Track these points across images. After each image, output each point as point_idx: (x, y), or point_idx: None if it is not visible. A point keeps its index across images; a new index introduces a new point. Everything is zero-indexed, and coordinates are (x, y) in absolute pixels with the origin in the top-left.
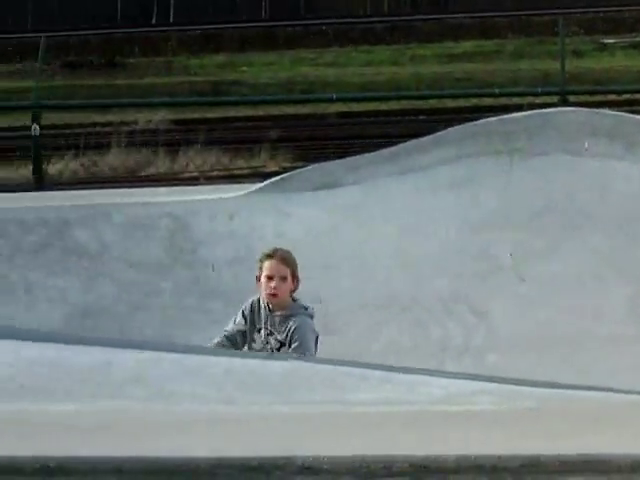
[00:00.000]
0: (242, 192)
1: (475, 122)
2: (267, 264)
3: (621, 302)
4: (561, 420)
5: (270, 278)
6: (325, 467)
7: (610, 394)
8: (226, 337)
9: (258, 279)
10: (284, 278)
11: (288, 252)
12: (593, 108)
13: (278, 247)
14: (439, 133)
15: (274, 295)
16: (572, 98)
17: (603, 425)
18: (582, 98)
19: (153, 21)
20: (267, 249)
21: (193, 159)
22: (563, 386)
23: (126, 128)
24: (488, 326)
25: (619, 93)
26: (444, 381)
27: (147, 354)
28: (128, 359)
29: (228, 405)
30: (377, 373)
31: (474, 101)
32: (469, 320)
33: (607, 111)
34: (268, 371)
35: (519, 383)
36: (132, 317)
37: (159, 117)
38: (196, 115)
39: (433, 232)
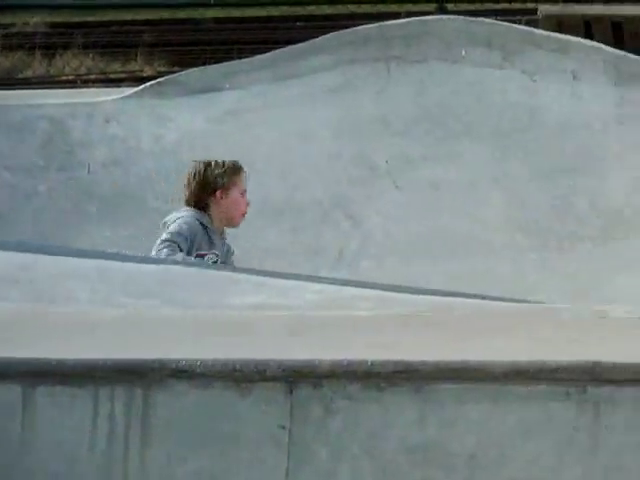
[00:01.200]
0: (119, 95)
1: (353, 29)
2: (242, 177)
3: (495, 211)
4: (435, 326)
5: (243, 193)
6: (198, 371)
7: (484, 301)
8: None
9: (223, 194)
10: None
11: None
12: (471, 16)
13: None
14: (316, 39)
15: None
16: (450, 6)
17: (477, 331)
18: (460, 6)
19: None
20: (229, 158)
21: (70, 62)
22: (437, 292)
23: (1, 31)
24: (363, 232)
25: (497, 1)
26: (319, 286)
27: (21, 256)
28: (2, 261)
29: (103, 306)
30: (253, 278)
31: (352, 8)
32: (345, 226)
33: (485, 19)
34: (144, 274)
35: (393, 289)
36: (8, 219)
37: (36, 20)
38: (75, 19)
39: (310, 138)
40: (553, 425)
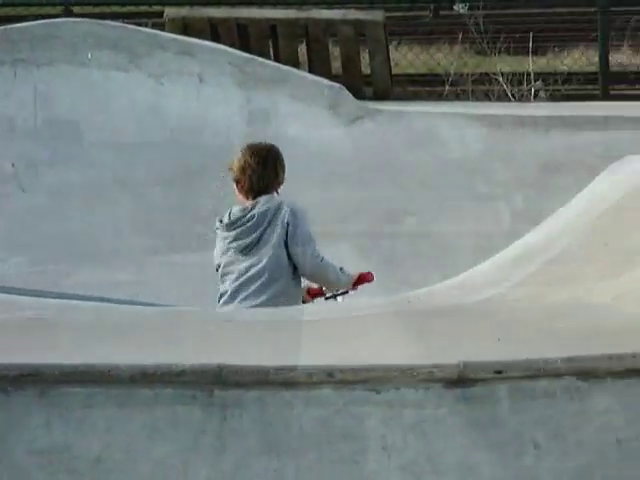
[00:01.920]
0: None
1: None
2: None
3: (123, 214)
4: (60, 330)
5: None
6: None
7: (111, 305)
8: None
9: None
10: None
11: None
12: (98, 19)
13: None
14: None
15: None
16: (76, 9)
17: (105, 334)
18: (87, 9)
19: None
20: None
21: None
22: (65, 296)
23: None
24: None
25: (123, 4)
26: None
27: None
28: None
29: None
30: None
31: None
32: None
33: (111, 22)
34: None
35: (20, 293)
36: None
37: None
38: None
39: None
40: (180, 428)
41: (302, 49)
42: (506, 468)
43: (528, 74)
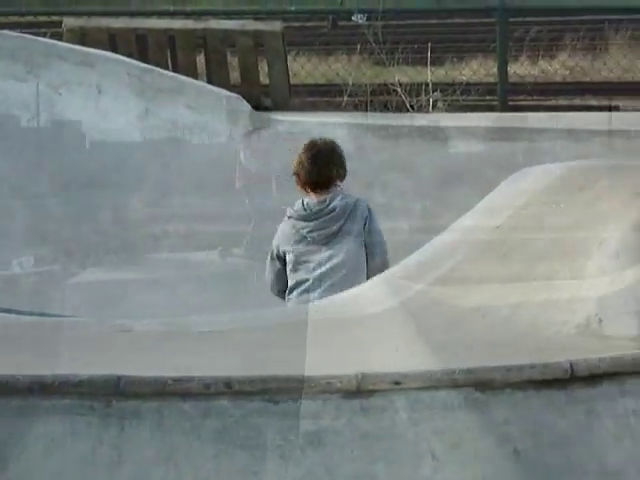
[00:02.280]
0: None
1: None
2: None
3: (19, 224)
4: None
5: None
6: None
7: (4, 315)
8: None
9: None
10: None
11: None
12: None
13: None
14: None
15: None
16: None
17: (0, 346)
18: None
19: None
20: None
21: None
22: None
23: None
24: None
25: (22, 14)
26: None
27: None
28: None
29: None
30: None
31: None
32: None
33: (9, 32)
34: None
35: None
36: None
37: None
38: None
39: None
40: (77, 439)
41: (201, 59)
42: (404, 479)
43: (426, 85)
